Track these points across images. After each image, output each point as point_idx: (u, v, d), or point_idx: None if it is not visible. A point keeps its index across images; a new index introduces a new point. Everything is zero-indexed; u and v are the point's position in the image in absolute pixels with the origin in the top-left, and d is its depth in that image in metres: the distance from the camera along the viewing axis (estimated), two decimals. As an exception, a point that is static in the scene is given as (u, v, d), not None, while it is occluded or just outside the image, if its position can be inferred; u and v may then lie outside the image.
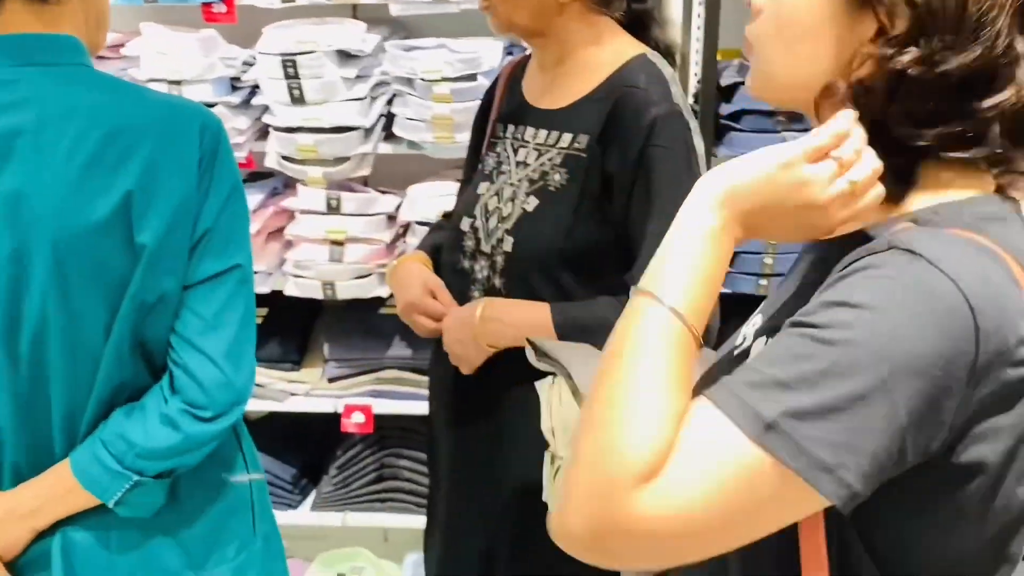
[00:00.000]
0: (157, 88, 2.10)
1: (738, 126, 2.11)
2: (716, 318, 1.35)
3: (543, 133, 1.45)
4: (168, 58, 2.10)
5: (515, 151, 1.49)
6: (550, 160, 1.43)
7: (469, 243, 1.51)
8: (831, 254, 0.76)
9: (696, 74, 2.17)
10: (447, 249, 1.57)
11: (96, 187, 1.10)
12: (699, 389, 0.79)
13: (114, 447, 1.16)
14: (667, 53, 1.47)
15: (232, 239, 1.19)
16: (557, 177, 1.41)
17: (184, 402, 1.16)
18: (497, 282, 1.46)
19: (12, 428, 1.18)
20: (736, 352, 0.88)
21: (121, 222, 1.11)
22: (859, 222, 0.75)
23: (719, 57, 2.13)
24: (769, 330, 0.81)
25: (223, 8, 2.12)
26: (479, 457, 1.53)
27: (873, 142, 0.72)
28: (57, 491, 1.19)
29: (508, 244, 1.44)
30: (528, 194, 1.44)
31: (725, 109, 2.11)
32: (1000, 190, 0.78)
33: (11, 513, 1.19)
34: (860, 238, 0.75)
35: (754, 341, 0.84)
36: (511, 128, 1.52)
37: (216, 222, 1.16)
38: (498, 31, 1.48)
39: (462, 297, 1.51)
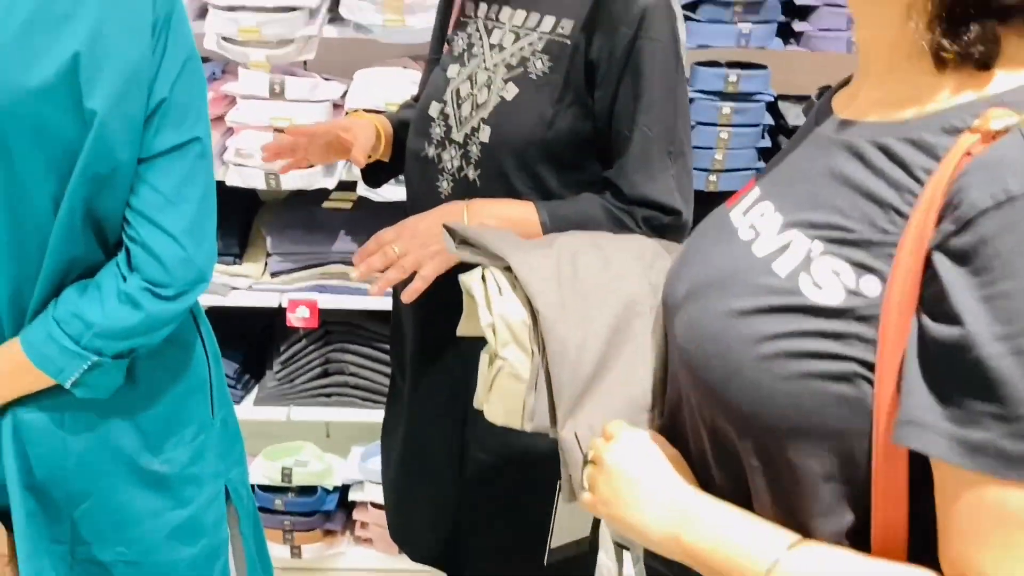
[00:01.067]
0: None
1: (695, 16, 2.08)
2: None
3: (521, 14, 1.36)
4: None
5: (488, 32, 1.39)
6: (530, 45, 1.34)
7: (437, 130, 1.43)
8: (891, 144, 0.65)
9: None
10: (413, 134, 1.49)
11: (38, 46, 1.02)
12: (697, 298, 0.76)
13: (70, 326, 1.11)
14: None
15: (190, 111, 1.13)
16: (539, 64, 1.33)
17: (144, 280, 1.11)
18: (471, 173, 1.38)
19: None
20: (742, 239, 0.75)
21: (67, 86, 1.04)
22: (927, 103, 0.65)
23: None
24: (814, 233, 0.68)
25: None
26: (446, 343, 1.46)
27: (954, 3, 0.62)
28: (7, 370, 1.15)
29: (485, 134, 1.36)
30: (506, 81, 1.35)
31: (682, -1, 2.07)
32: None
33: None
34: (929, 127, 0.64)
35: (773, 234, 0.72)
36: (483, 7, 1.42)
37: (172, 92, 1.10)
38: None
39: (427, 186, 1.44)
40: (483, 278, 1.00)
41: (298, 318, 2.34)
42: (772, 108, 2.19)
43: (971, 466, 0.56)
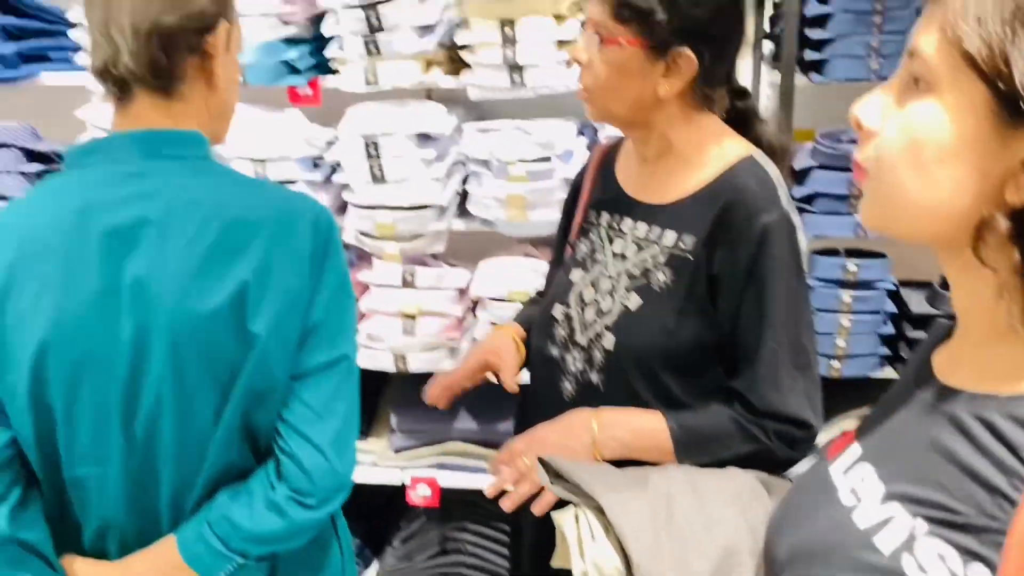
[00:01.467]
0: (242, 165, 2.17)
1: (811, 208, 2.13)
2: None
3: (643, 227, 1.44)
4: (255, 139, 2.17)
5: (610, 240, 1.47)
6: (652, 257, 1.40)
7: (561, 331, 1.49)
8: (996, 420, 0.65)
9: (768, 157, 2.19)
10: (537, 333, 1.55)
11: (214, 276, 1.14)
12: (797, 560, 0.75)
13: (220, 528, 1.19)
14: (771, 151, 1.43)
15: (340, 331, 1.22)
16: (661, 276, 1.39)
17: (291, 489, 1.18)
18: (594, 377, 1.44)
19: (124, 502, 1.21)
20: (843, 504, 0.75)
21: (235, 311, 1.15)
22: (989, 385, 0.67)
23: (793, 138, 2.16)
24: (918, 510, 0.68)
25: (308, 91, 2.21)
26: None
27: None
28: (162, 566, 1.22)
29: (609, 341, 1.41)
30: (629, 290, 1.42)
31: (798, 192, 2.13)
32: None
33: None
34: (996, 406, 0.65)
35: (876, 504, 0.72)
36: (606, 216, 1.50)
37: (325, 314, 1.20)
38: (595, 119, 1.47)
39: (550, 386, 1.49)
40: (576, 518, 1.01)
41: (419, 496, 2.39)
42: (895, 295, 2.19)
43: None
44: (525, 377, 1.61)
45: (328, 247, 1.21)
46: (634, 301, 1.40)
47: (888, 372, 2.20)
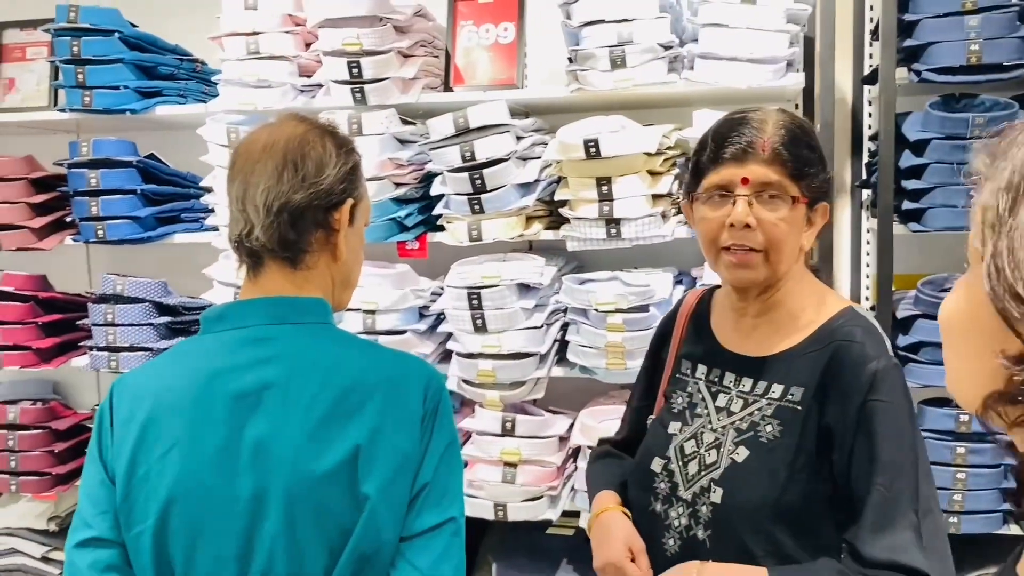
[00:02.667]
0: (353, 316, 2.29)
1: (917, 357, 2.09)
2: None
3: (748, 381, 1.43)
4: (366, 291, 2.29)
5: (713, 396, 1.47)
6: (759, 411, 1.39)
7: (662, 486, 1.47)
8: None
9: (869, 306, 2.18)
10: (636, 487, 1.53)
11: (329, 438, 1.20)
12: None
13: None
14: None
15: (448, 492, 1.25)
16: (769, 428, 1.37)
17: None
18: (700, 533, 1.40)
19: None
20: None
21: (348, 472, 1.19)
22: None
23: (894, 287, 2.14)
24: None
25: (416, 245, 2.33)
26: None
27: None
28: None
29: (716, 495, 1.38)
30: (736, 444, 1.40)
31: (903, 340, 2.10)
32: None
33: None
34: None
35: None
36: (702, 369, 1.50)
37: (434, 476, 1.23)
38: (749, 282, 1.42)
39: (652, 542, 1.46)
40: None
41: (519, 647, 2.34)
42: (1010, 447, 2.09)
43: None
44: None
45: (438, 410, 1.25)
46: (742, 454, 1.38)
47: (1013, 529, 2.09)
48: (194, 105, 2.54)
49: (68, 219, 2.63)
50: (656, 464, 1.49)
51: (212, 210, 2.49)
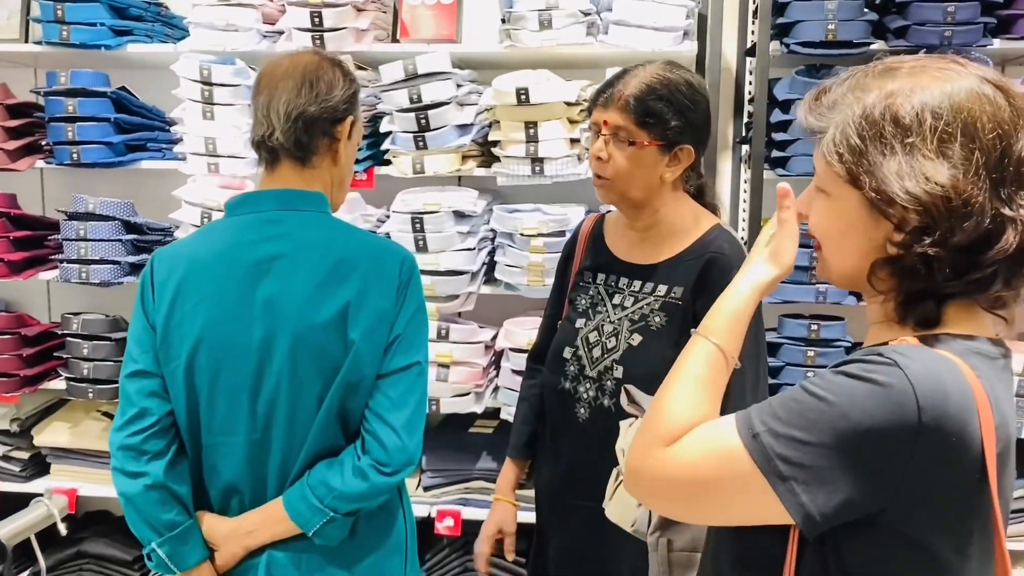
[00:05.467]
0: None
1: (779, 279, 2.56)
2: None
3: (638, 283, 1.80)
4: (321, 213, 2.61)
5: (610, 296, 1.83)
6: (648, 305, 1.76)
7: (572, 368, 1.82)
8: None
9: (744, 237, 2.64)
10: (549, 372, 1.90)
11: (326, 296, 1.53)
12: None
13: (318, 490, 1.54)
14: (714, 211, 1.86)
15: (415, 342, 1.59)
16: (657, 319, 1.74)
17: (373, 460, 1.54)
18: (606, 402, 1.76)
19: (244, 466, 1.58)
20: None
21: (340, 323, 1.53)
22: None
23: (762, 223, 2.61)
24: None
25: (364, 177, 2.68)
26: (587, 554, 1.82)
27: (913, 295, 0.98)
28: (269, 519, 1.58)
29: (619, 371, 1.73)
30: (631, 331, 1.76)
31: (768, 265, 2.56)
32: (997, 338, 1.01)
33: (235, 531, 1.59)
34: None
35: None
36: (601, 276, 1.86)
37: (405, 329, 1.57)
38: (606, 200, 1.79)
39: (566, 414, 1.82)
40: (630, 425, 1.39)
41: (444, 527, 2.72)
42: (851, 351, 2.59)
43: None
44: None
45: (411, 281, 1.60)
46: (636, 339, 1.76)
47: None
48: (161, 45, 2.80)
49: (42, 144, 2.86)
50: (567, 352, 1.85)
51: (180, 139, 2.77)
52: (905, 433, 0.89)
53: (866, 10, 2.48)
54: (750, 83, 2.81)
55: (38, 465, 2.99)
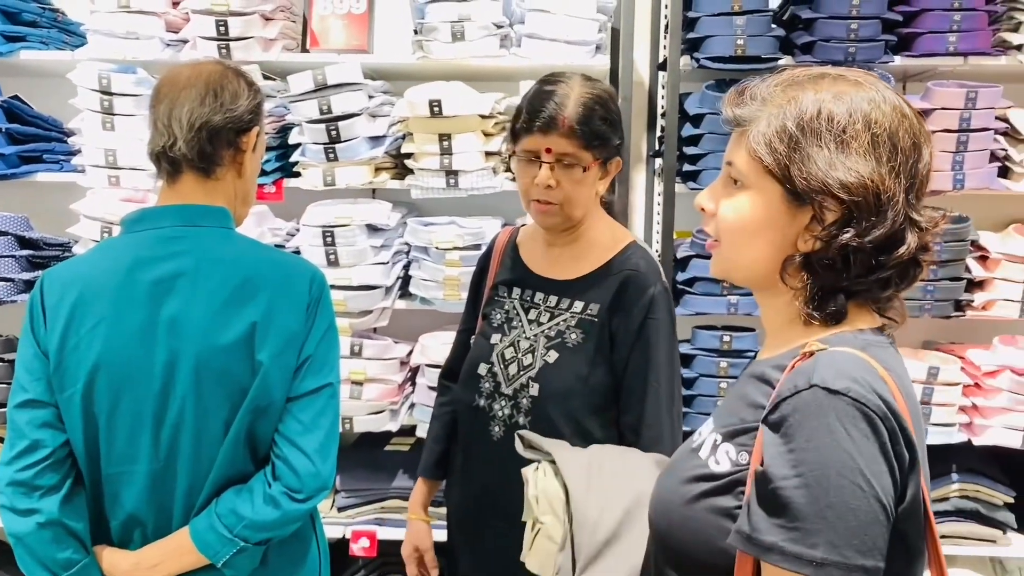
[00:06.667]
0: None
1: (692, 290, 2.59)
2: None
3: (554, 299, 1.78)
4: (228, 228, 2.53)
5: (526, 311, 1.81)
6: (564, 322, 1.75)
7: (486, 385, 1.79)
8: (766, 371, 1.04)
9: (657, 250, 2.66)
10: (463, 389, 1.86)
11: (231, 317, 1.48)
12: (660, 481, 1.12)
13: (227, 519, 1.48)
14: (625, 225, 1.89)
15: (326, 363, 1.55)
16: (574, 336, 1.73)
17: (284, 486, 1.49)
18: (521, 420, 1.73)
19: (146, 496, 1.50)
20: (692, 447, 1.12)
21: (246, 344, 1.48)
22: (794, 344, 1.03)
23: (677, 237, 2.65)
24: (721, 431, 1.06)
25: (273, 189, 2.60)
26: (500, 573, 1.75)
27: (825, 291, 1.02)
28: (175, 551, 1.50)
29: (535, 389, 1.71)
30: (548, 348, 1.74)
31: (681, 276, 2.60)
32: (883, 328, 1.07)
33: (137, 566, 1.51)
34: (787, 356, 1.03)
35: (707, 438, 1.09)
36: (516, 291, 1.84)
37: (316, 350, 1.53)
38: (548, 225, 1.76)
39: (482, 432, 1.78)
40: (536, 468, 1.38)
41: (359, 548, 2.66)
42: (762, 362, 2.64)
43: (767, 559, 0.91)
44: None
45: (321, 299, 1.55)
46: (552, 356, 1.74)
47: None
48: (58, 52, 2.68)
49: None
50: (482, 369, 1.82)
51: (77, 151, 2.64)
52: (883, 443, 0.92)
53: (774, 26, 2.53)
54: (662, 97, 2.85)
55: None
